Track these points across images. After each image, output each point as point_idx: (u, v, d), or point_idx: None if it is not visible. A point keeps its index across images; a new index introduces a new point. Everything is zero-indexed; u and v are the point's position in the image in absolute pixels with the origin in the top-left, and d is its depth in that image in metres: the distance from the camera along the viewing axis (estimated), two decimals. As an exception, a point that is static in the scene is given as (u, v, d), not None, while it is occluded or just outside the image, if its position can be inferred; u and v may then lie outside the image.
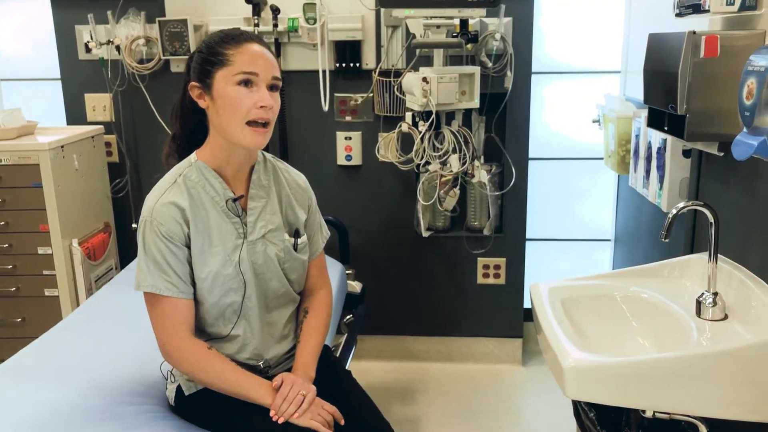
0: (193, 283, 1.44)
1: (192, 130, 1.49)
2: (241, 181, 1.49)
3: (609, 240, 2.97)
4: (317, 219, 1.65)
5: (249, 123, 1.38)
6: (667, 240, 1.48)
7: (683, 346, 1.45)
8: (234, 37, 1.41)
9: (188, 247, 1.42)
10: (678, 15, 1.63)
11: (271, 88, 1.41)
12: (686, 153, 1.91)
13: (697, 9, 1.51)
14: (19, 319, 2.59)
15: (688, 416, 1.39)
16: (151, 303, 1.42)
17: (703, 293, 1.52)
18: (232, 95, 1.37)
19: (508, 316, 2.90)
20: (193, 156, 1.47)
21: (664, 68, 1.59)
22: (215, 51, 1.40)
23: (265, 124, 1.40)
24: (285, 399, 1.39)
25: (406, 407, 2.61)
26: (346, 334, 2.37)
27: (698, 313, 1.52)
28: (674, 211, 1.48)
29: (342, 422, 1.44)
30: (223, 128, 1.40)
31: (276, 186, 1.55)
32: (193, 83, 1.43)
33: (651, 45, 1.70)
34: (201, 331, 1.49)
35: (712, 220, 1.48)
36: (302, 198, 1.60)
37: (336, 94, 2.73)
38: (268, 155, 1.57)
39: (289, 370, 1.54)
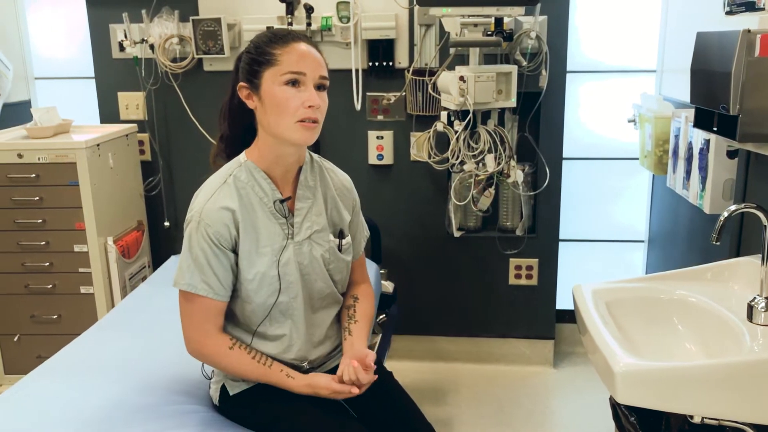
0: (237, 286, 1.44)
1: (240, 131, 1.49)
2: (288, 182, 1.49)
3: (642, 241, 2.94)
4: (360, 220, 1.65)
5: (298, 121, 1.38)
6: (718, 243, 1.45)
7: (735, 352, 1.42)
8: (281, 37, 1.40)
9: (235, 252, 1.42)
10: (729, 13, 1.60)
11: (319, 87, 1.40)
12: (731, 154, 1.87)
13: (751, 7, 1.49)
14: (56, 316, 2.61)
15: (738, 423, 1.36)
16: (185, 299, 1.43)
17: (755, 297, 1.48)
18: (280, 95, 1.37)
19: (539, 318, 2.87)
20: (242, 156, 1.46)
21: (715, 68, 1.56)
22: (263, 51, 1.39)
23: (314, 120, 1.39)
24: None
25: (438, 408, 2.60)
26: (380, 335, 2.36)
27: (749, 317, 1.49)
28: (726, 214, 1.45)
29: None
30: (272, 128, 1.39)
31: (322, 187, 1.54)
32: (241, 83, 1.42)
33: (699, 44, 1.67)
34: (248, 330, 1.49)
35: (765, 222, 1.45)
36: (348, 199, 1.60)
37: (368, 93, 2.72)
38: (315, 156, 1.57)
39: (330, 370, 1.56)
